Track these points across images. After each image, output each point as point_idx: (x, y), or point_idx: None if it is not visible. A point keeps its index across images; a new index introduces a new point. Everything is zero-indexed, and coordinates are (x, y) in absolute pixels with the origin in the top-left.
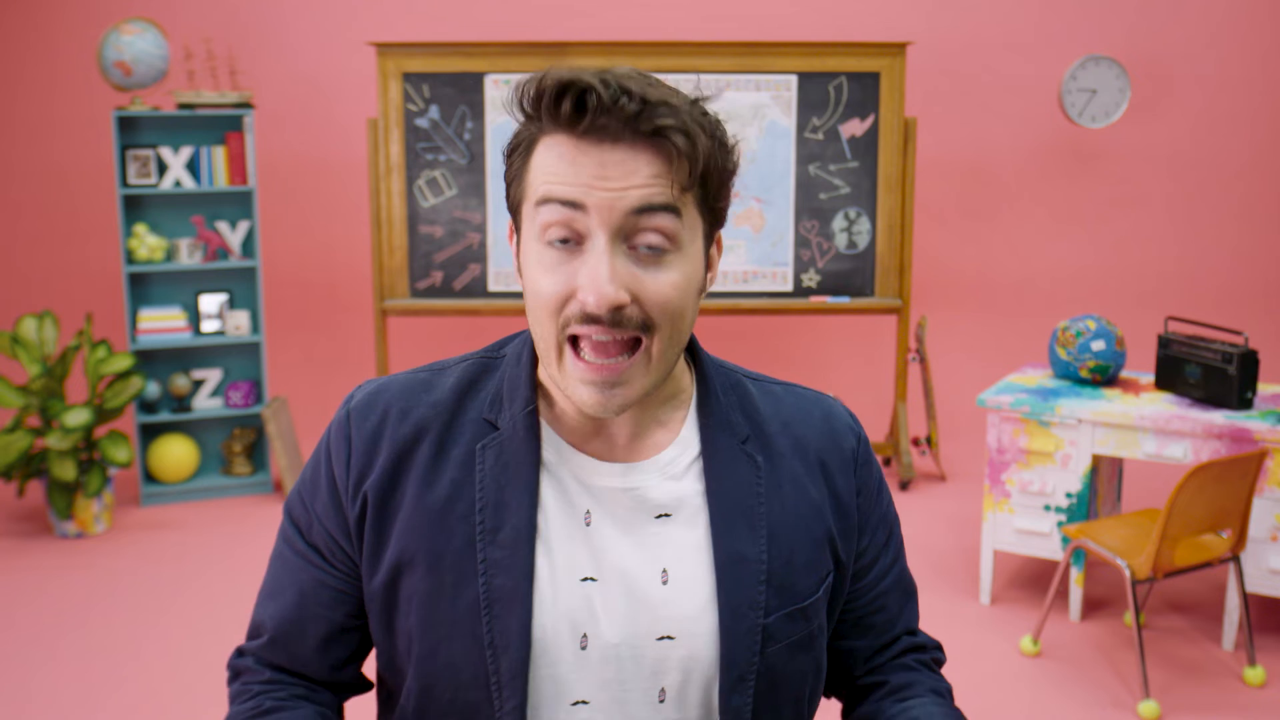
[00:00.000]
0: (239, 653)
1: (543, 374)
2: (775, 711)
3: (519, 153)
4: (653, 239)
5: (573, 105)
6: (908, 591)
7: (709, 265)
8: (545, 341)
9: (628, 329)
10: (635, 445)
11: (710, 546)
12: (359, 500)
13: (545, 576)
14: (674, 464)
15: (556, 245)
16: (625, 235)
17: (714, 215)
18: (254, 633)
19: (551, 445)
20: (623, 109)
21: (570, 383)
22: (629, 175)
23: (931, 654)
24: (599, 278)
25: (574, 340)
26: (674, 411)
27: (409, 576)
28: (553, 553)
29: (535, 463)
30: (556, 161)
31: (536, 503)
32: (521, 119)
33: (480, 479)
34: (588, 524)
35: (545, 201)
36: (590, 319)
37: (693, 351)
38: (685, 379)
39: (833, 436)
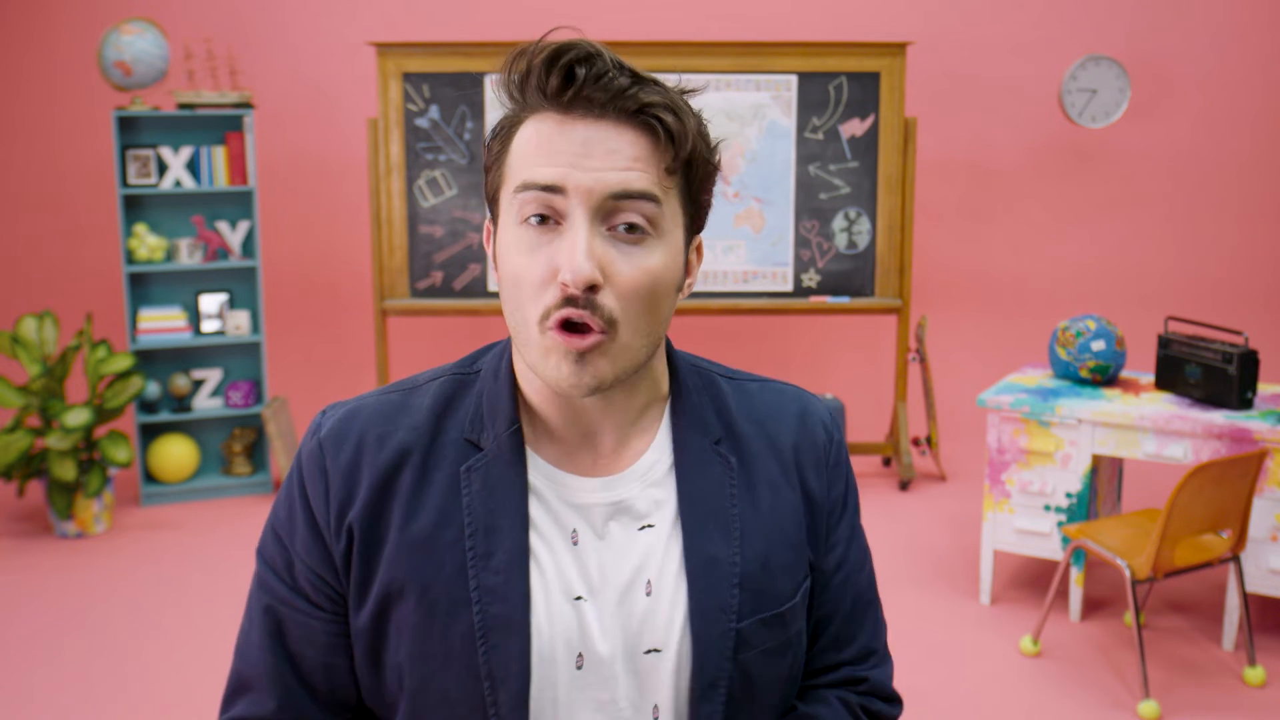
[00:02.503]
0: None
1: (524, 384)
2: None
3: (499, 138)
4: (632, 218)
5: (563, 72)
6: (867, 613)
7: (688, 269)
8: (525, 327)
9: (597, 318)
10: (619, 455)
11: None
12: (344, 533)
13: (540, 600)
14: (653, 469)
15: (534, 224)
16: (604, 216)
17: (695, 210)
18: (239, 689)
19: (535, 466)
20: (612, 81)
21: (546, 359)
22: (611, 155)
23: (865, 698)
24: (576, 254)
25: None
26: (655, 417)
27: (398, 608)
28: (545, 575)
29: (523, 484)
30: (537, 144)
31: (528, 525)
32: (507, 97)
33: (468, 503)
34: (575, 543)
35: (525, 189)
36: (567, 301)
37: (667, 353)
38: (664, 383)
39: (807, 434)
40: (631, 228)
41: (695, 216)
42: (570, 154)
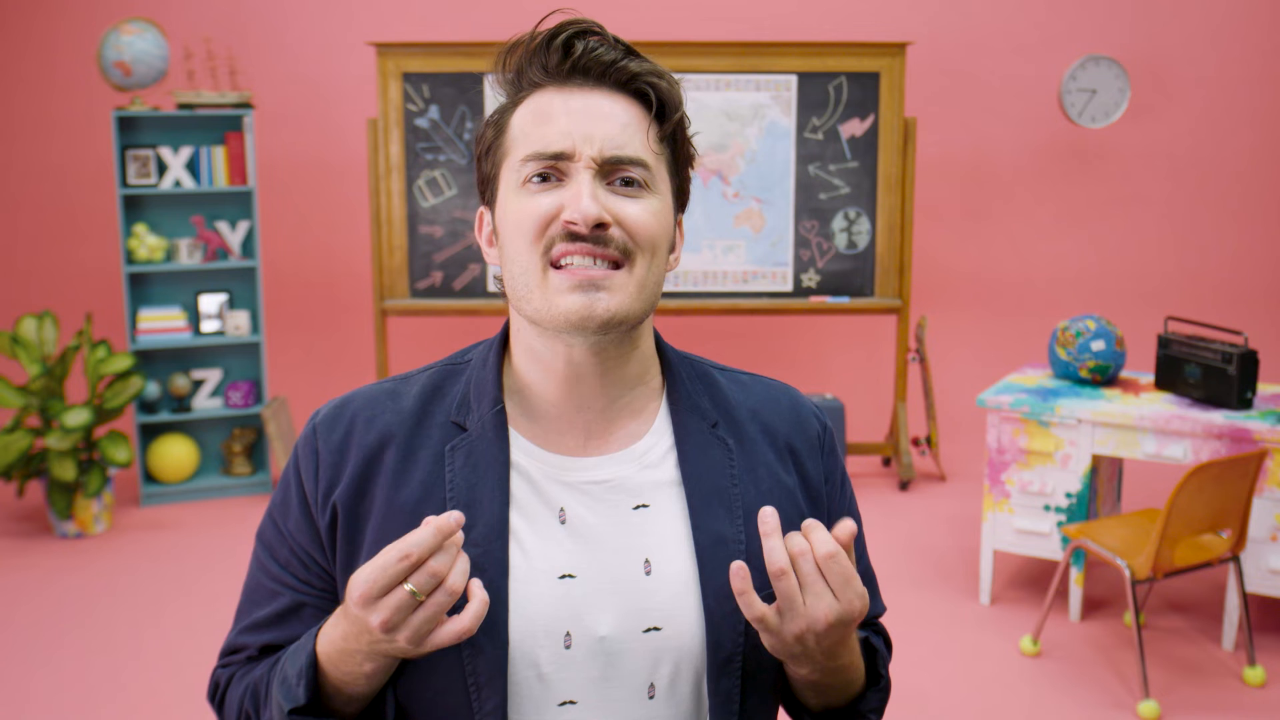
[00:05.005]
0: (222, 665)
1: (518, 361)
2: (761, 695)
3: (493, 125)
4: (631, 173)
5: (563, 46)
6: (870, 586)
7: (672, 245)
8: (528, 272)
9: (611, 250)
10: (610, 435)
11: (689, 532)
12: (328, 510)
13: (521, 576)
14: (650, 453)
15: (536, 183)
16: (604, 175)
17: (680, 184)
18: (231, 651)
19: (521, 448)
20: (607, 52)
21: (554, 297)
22: (608, 119)
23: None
24: (583, 197)
25: (558, 267)
26: (647, 401)
27: None
28: (527, 552)
29: (505, 460)
30: (537, 115)
31: (508, 500)
32: (504, 84)
33: (450, 479)
34: (563, 521)
35: (530, 159)
36: (574, 237)
37: (657, 344)
38: (655, 365)
39: (800, 423)
40: (629, 182)
41: (680, 191)
42: (570, 120)
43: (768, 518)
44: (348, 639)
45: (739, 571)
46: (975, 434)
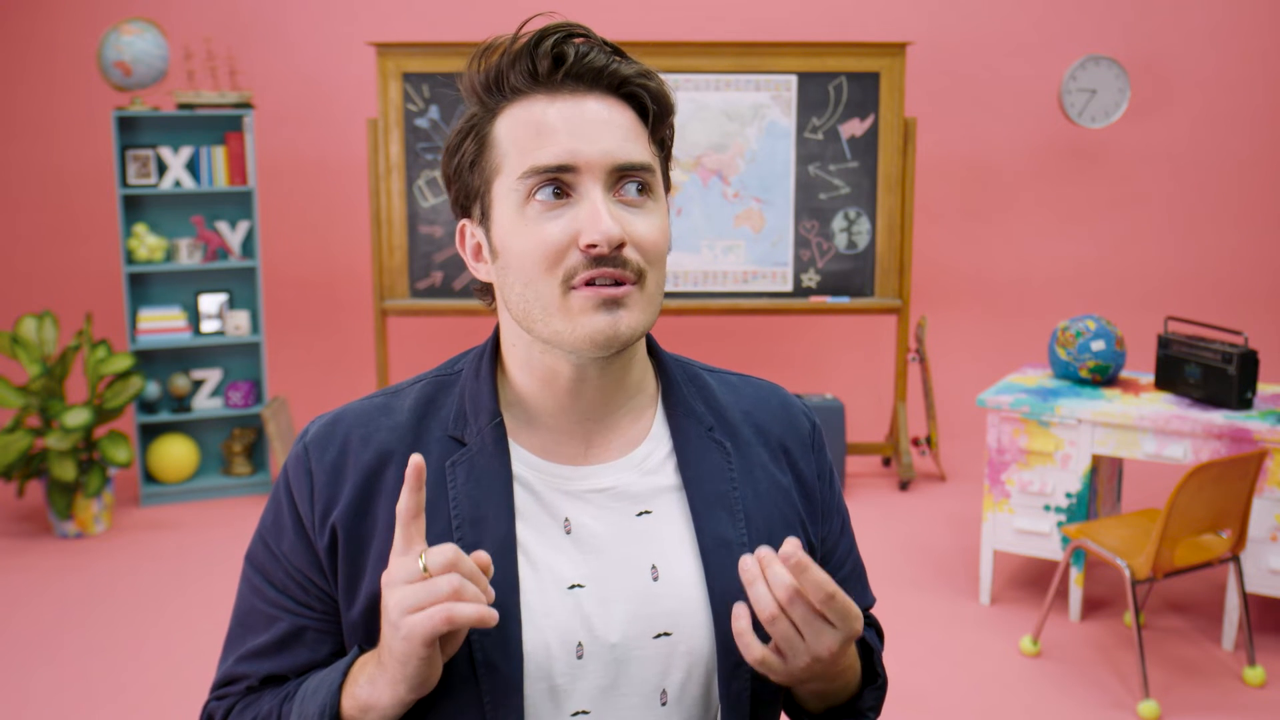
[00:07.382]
0: (217, 698)
1: (516, 374)
2: (770, 696)
3: (473, 137)
4: (639, 178)
5: (553, 53)
6: (860, 578)
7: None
8: (545, 298)
9: (628, 272)
10: (609, 443)
11: (693, 537)
12: (327, 532)
13: (531, 589)
14: (650, 458)
15: (545, 199)
16: (610, 185)
17: (667, 185)
18: (227, 681)
19: (522, 459)
20: (598, 57)
21: (578, 318)
22: (608, 127)
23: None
24: (601, 217)
25: (576, 288)
26: (644, 406)
27: None
28: (535, 565)
29: (507, 474)
30: (532, 127)
31: (513, 514)
32: (482, 91)
33: (453, 496)
34: (568, 531)
35: (534, 173)
36: (596, 261)
37: (650, 347)
38: (650, 371)
39: (791, 422)
40: (638, 189)
41: (667, 191)
42: (570, 131)
43: (748, 566)
44: (374, 680)
45: (739, 612)
46: (975, 434)
